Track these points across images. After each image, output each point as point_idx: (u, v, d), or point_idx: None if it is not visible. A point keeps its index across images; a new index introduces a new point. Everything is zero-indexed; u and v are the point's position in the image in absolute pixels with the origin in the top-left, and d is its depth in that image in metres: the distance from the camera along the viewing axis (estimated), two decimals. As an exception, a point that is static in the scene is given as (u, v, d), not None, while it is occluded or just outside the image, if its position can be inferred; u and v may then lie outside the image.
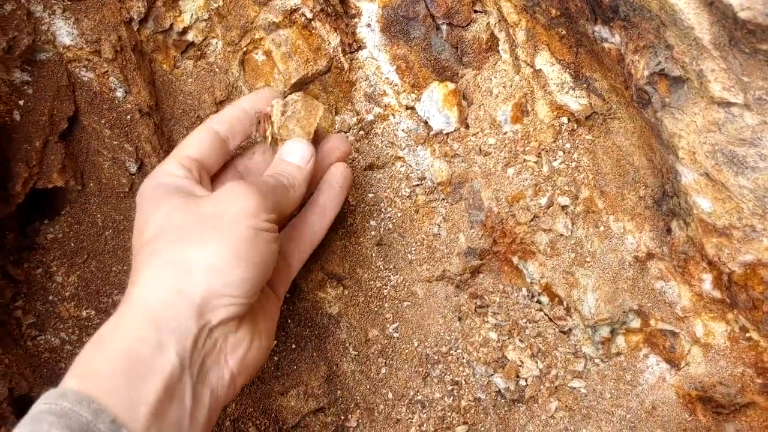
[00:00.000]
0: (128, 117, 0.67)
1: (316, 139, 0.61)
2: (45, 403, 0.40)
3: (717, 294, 0.61)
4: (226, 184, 0.53)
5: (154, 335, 0.45)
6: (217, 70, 0.72)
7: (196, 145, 0.57)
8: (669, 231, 0.63)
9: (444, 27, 0.72)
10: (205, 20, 0.71)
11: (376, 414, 0.69)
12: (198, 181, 0.55)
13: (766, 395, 0.60)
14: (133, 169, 0.67)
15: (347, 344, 0.71)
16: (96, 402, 0.40)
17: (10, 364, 0.54)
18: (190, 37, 0.71)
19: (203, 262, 0.47)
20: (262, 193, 0.52)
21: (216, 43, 0.72)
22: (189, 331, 0.46)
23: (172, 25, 0.69)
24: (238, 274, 0.48)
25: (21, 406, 0.53)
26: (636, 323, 0.67)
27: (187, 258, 0.48)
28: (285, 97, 0.60)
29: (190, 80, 0.72)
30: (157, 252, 0.48)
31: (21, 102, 0.61)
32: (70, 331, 0.61)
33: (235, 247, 0.49)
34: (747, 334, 0.59)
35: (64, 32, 0.64)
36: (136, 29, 0.68)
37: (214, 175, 0.59)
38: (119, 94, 0.66)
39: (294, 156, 0.59)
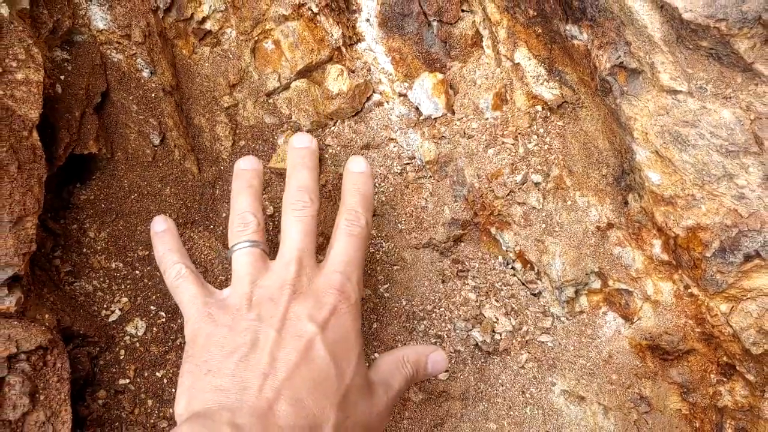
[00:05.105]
0: (153, 95, 0.72)
1: None
2: None
3: (665, 257, 0.66)
4: None
5: None
6: (230, 56, 0.78)
7: None
8: (626, 203, 0.69)
9: (435, 23, 0.77)
10: (222, 11, 0.77)
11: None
12: None
13: (704, 342, 0.65)
14: (156, 141, 0.72)
15: (344, 302, 0.77)
16: None
17: (55, 302, 0.60)
18: (207, 26, 0.77)
19: None
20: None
21: (230, 32, 0.78)
22: None
23: (192, 14, 0.75)
24: None
25: (66, 336, 0.60)
26: (597, 284, 0.72)
27: None
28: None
29: (206, 65, 0.78)
30: None
31: (62, 77, 0.66)
32: (101, 279, 0.67)
33: None
34: (689, 291, 0.65)
35: (99, 17, 0.70)
36: (161, 17, 0.74)
37: None
38: (145, 74, 0.72)
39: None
